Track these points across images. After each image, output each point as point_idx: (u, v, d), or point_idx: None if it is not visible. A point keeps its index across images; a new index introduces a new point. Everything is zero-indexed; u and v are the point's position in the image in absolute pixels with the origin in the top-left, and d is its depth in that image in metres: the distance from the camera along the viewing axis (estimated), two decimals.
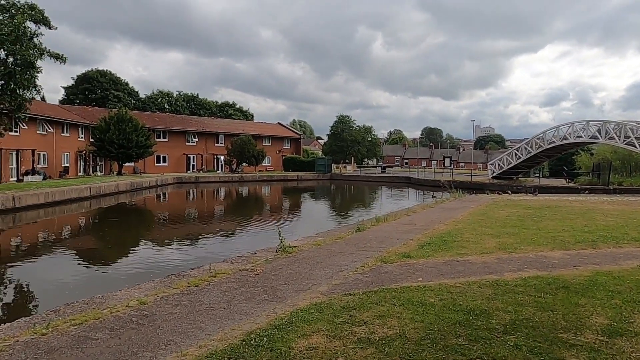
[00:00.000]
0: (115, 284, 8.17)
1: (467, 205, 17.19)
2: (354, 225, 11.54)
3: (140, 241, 14.60)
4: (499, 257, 7.88)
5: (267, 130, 62.46)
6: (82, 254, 12.23)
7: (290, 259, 7.76)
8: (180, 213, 22.74)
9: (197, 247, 13.14)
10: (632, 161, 35.01)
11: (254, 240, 13.69)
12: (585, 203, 18.05)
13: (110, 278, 9.57)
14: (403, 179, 47.51)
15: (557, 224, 11.86)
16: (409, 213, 14.63)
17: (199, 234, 15.47)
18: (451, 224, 12.03)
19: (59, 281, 9.36)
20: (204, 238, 14.69)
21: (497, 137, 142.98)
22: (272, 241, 10.75)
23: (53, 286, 9.07)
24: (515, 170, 38.19)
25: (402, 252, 8.23)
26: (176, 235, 15.16)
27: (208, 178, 43.24)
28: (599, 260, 7.66)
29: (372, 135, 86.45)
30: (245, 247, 12.03)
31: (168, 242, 13.82)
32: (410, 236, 10.01)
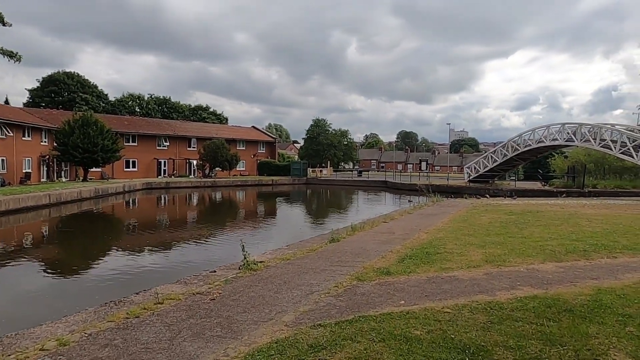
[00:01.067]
0: (44, 312, 7.00)
1: (446, 211, 16.51)
2: (328, 235, 10.62)
3: (91, 255, 12.96)
4: (488, 271, 7.09)
5: (241, 134, 61.14)
6: (14, 272, 10.87)
7: (254, 277, 6.80)
8: (144, 221, 21.42)
9: (154, 262, 11.59)
10: (606, 164, 35.19)
11: (220, 251, 12.64)
12: (566, 207, 17.60)
13: (40, 304, 8.15)
14: (379, 183, 46.91)
15: (542, 230, 11.21)
16: (387, 220, 13.82)
17: (161, 245, 14.23)
18: (432, 232, 11.25)
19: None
20: (165, 250, 13.44)
21: (471, 141, 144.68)
22: (240, 253, 9.80)
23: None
24: (492, 174, 38.00)
25: (380, 267, 7.36)
26: (134, 247, 13.92)
27: (179, 183, 41.74)
28: (596, 273, 6.94)
29: (348, 139, 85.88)
30: (210, 260, 11.05)
31: (122, 256, 12.51)
32: (389, 247, 9.17)
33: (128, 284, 8.81)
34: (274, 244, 11.96)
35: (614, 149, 26.32)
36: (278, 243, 12.15)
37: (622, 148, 25.81)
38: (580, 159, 36.19)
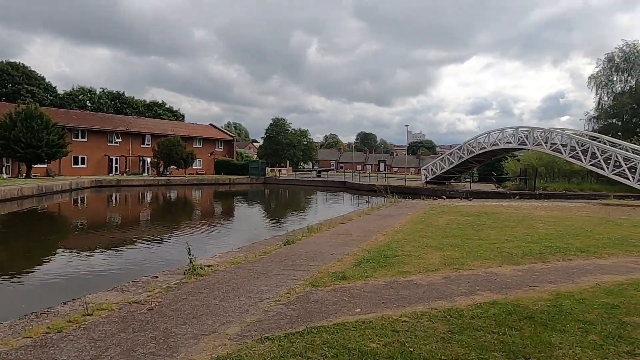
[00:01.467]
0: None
1: (404, 212, 16.40)
2: (283, 237, 10.16)
3: (24, 257, 11.83)
4: (446, 275, 6.85)
5: (198, 131, 59.68)
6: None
7: (199, 284, 6.27)
8: (89, 221, 20.22)
9: (93, 266, 10.48)
10: (555, 167, 36.44)
11: (168, 254, 11.89)
12: (519, 209, 17.89)
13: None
14: (338, 184, 46.82)
15: (498, 232, 11.20)
16: (344, 221, 13.51)
17: (104, 247, 13.24)
18: (390, 233, 11.02)
19: None
20: (107, 253, 12.42)
21: (428, 143, 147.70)
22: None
23: None
24: (448, 175, 38.62)
25: (336, 271, 6.99)
26: (74, 249, 12.93)
27: (131, 181, 40.11)
28: (553, 277, 6.84)
29: (307, 139, 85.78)
30: (155, 263, 10.38)
31: (60, 259, 11.47)
32: (346, 250, 8.82)
33: (61, 291, 8.03)
34: (227, 246, 11.39)
35: (564, 152, 27.22)
36: (231, 245, 11.60)
37: (571, 152, 26.73)
38: (531, 162, 37.34)
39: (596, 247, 9.35)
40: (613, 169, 23.73)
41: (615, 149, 24.58)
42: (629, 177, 22.59)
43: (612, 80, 43.18)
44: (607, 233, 11.37)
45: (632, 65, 41.91)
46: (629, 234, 11.28)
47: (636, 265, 7.85)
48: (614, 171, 23.64)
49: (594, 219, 14.58)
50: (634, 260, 8.22)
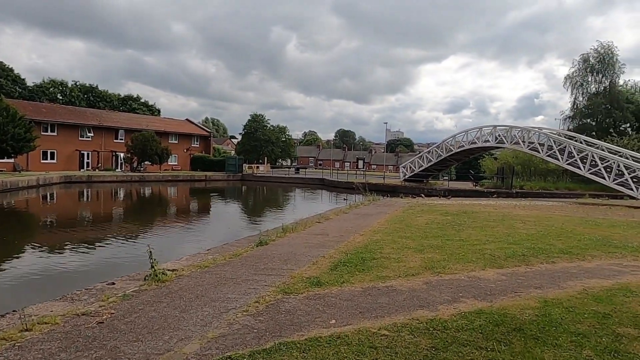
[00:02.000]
0: None
1: (382, 211, 16.04)
2: (256, 237, 9.63)
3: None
4: (428, 280, 6.46)
5: (174, 126, 58.41)
6: None
7: (160, 291, 5.72)
8: (53, 219, 19.28)
9: (46, 270, 9.72)
10: (532, 166, 36.74)
11: (132, 257, 11.17)
12: (498, 208, 17.73)
13: None
14: (317, 181, 46.37)
15: (479, 233, 10.90)
16: (321, 220, 13.06)
17: (63, 248, 12.28)
18: (368, 234, 10.60)
19: None
20: (65, 255, 11.44)
21: (407, 141, 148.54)
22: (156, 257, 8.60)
23: None
24: (426, 173, 38.56)
25: (310, 276, 6.51)
26: (29, 251, 12.07)
27: (103, 177, 38.85)
28: (539, 281, 6.51)
29: (286, 136, 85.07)
30: (116, 267, 9.77)
31: (11, 262, 10.68)
32: (322, 252, 8.36)
33: (3, 301, 7.36)
34: (196, 247, 10.81)
35: (541, 151, 27.32)
36: (201, 246, 11.03)
37: (549, 151, 26.83)
38: (508, 160, 37.58)
39: (579, 249, 9.11)
40: (589, 169, 23.87)
41: (592, 148, 24.75)
42: (605, 176, 22.74)
43: (587, 81, 43.71)
44: (588, 233, 11.19)
45: (607, 67, 42.50)
46: (609, 235, 11.12)
47: (620, 268, 7.60)
48: (590, 170, 23.78)
49: (573, 219, 14.46)
50: (617, 263, 7.98)
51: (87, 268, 10.11)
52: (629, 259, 8.40)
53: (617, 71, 42.75)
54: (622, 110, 40.99)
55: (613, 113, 40.98)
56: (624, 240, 10.30)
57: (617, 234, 11.39)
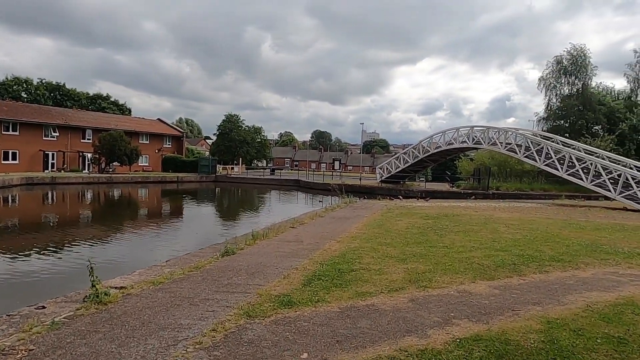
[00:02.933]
0: None
1: (360, 214, 15.30)
2: (222, 246, 8.71)
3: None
4: (413, 296, 5.70)
5: (145, 126, 56.59)
6: None
7: (99, 317, 4.78)
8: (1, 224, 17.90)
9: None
10: (508, 167, 36.71)
11: (80, 270, 10.13)
12: (479, 210, 17.21)
13: None
14: (292, 182, 45.50)
15: (463, 238, 10.24)
16: (295, 225, 12.21)
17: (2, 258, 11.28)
18: (345, 240, 9.81)
19: None
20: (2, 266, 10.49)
21: (382, 142, 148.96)
22: (107, 271, 7.64)
23: None
24: (403, 174, 38.15)
25: (280, 293, 5.68)
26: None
27: (68, 179, 37.12)
28: (536, 296, 5.83)
29: (261, 136, 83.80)
30: (58, 284, 8.67)
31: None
32: (295, 262, 7.52)
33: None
34: (157, 257, 9.83)
35: (518, 152, 27.09)
36: (163, 255, 10.05)
37: (526, 152, 26.61)
38: (484, 162, 37.50)
39: (570, 256, 8.52)
40: (567, 170, 23.68)
41: (569, 149, 24.60)
42: (583, 177, 22.56)
43: (561, 83, 44.12)
44: (575, 238, 10.67)
45: (579, 69, 42.96)
46: (596, 239, 10.63)
47: (618, 277, 7.02)
48: (568, 172, 23.60)
49: (556, 222, 14.01)
50: (613, 272, 7.41)
51: (20, 286, 8.80)
52: (623, 266, 7.85)
53: (589, 73, 43.27)
54: (595, 112, 41.44)
55: (586, 115, 41.39)
56: (613, 245, 9.80)
57: (604, 238, 10.91)
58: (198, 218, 22.04)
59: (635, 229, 12.97)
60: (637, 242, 10.46)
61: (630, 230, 12.59)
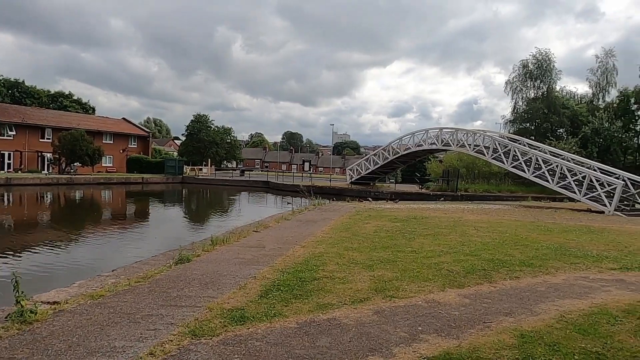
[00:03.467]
0: None
1: (328, 217, 14.87)
2: (177, 253, 8.08)
3: None
4: (379, 307, 5.28)
5: (109, 125, 54.85)
6: None
7: (20, 339, 4.16)
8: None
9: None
10: (476, 169, 37.12)
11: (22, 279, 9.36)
12: (448, 212, 17.04)
13: None
14: (261, 184, 44.84)
15: (432, 242, 9.93)
16: (259, 229, 11.66)
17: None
18: (310, 245, 9.35)
19: None
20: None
21: (353, 144, 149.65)
22: (45, 283, 6.96)
23: None
24: (373, 176, 38.07)
25: (234, 306, 5.16)
26: None
27: (25, 180, 35.40)
28: (508, 305, 5.51)
29: (231, 137, 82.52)
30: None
31: None
32: (254, 270, 7.01)
33: None
34: (105, 266, 9.13)
35: (486, 154, 27.27)
36: (111, 263, 9.34)
37: (494, 154, 26.80)
38: (453, 163, 37.82)
39: (539, 260, 8.30)
40: (533, 171, 23.92)
41: (535, 151, 24.87)
42: (549, 179, 22.80)
43: (527, 86, 45.05)
44: (544, 241, 10.51)
45: (544, 72, 43.96)
46: (564, 242, 10.51)
47: (588, 282, 6.80)
48: (535, 173, 23.83)
49: (525, 224, 13.93)
50: (583, 276, 7.19)
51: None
52: (593, 270, 7.66)
53: (554, 77, 44.35)
54: (559, 115, 42.41)
55: (550, 118, 42.32)
56: (581, 249, 9.67)
57: (572, 240, 10.81)
58: (160, 221, 21.18)
59: (601, 231, 13.00)
60: (604, 244, 10.38)
61: (597, 232, 12.58)
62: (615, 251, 9.52)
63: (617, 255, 8.99)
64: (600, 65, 44.72)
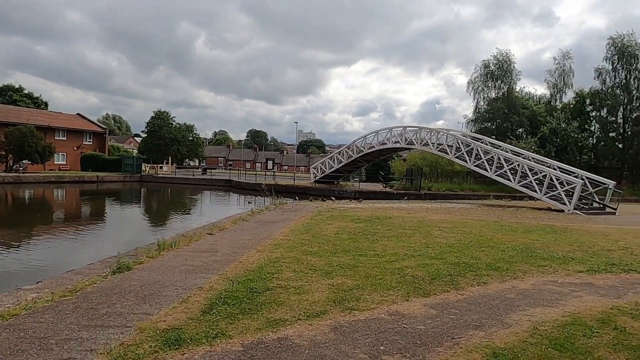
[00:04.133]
0: None
1: (288, 217, 14.25)
2: (116, 260, 7.26)
3: None
4: (337, 322, 4.71)
5: (62, 121, 52.31)
6: None
7: None
8: None
9: None
10: (439, 167, 37.28)
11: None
12: (412, 212, 16.71)
13: None
14: (223, 182, 43.67)
15: (395, 244, 9.46)
16: (214, 231, 10.91)
17: None
18: (267, 249, 8.70)
19: None
20: None
21: (318, 142, 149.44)
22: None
23: None
24: (337, 174, 37.69)
25: (170, 325, 4.47)
26: None
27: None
28: (477, 316, 5.05)
29: (194, 135, 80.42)
30: None
31: None
32: (201, 279, 6.31)
33: None
34: (30, 277, 8.21)
35: (449, 153, 27.27)
36: (40, 274, 8.42)
37: (457, 152, 26.83)
38: (417, 162, 37.85)
39: (506, 262, 7.96)
40: (495, 170, 24.03)
41: (498, 150, 25.01)
42: (510, 178, 22.93)
43: (488, 86, 45.72)
44: (509, 241, 10.24)
45: (505, 73, 44.72)
46: (529, 242, 10.27)
47: (558, 287, 6.47)
48: (497, 172, 23.95)
49: (489, 224, 13.72)
50: (552, 280, 6.87)
51: None
52: (561, 274, 7.36)
53: (514, 78, 45.18)
54: (519, 115, 43.23)
55: (511, 117, 43.07)
56: (546, 249, 9.44)
57: (536, 241, 10.59)
58: (110, 223, 19.96)
59: (563, 230, 12.92)
60: (568, 245, 10.21)
61: (560, 232, 12.48)
62: (580, 252, 9.33)
63: (582, 257, 8.77)
64: (557, 67, 45.90)
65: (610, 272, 7.56)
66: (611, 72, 42.72)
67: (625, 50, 41.20)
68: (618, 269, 7.80)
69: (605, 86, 43.19)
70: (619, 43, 41.58)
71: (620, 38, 41.72)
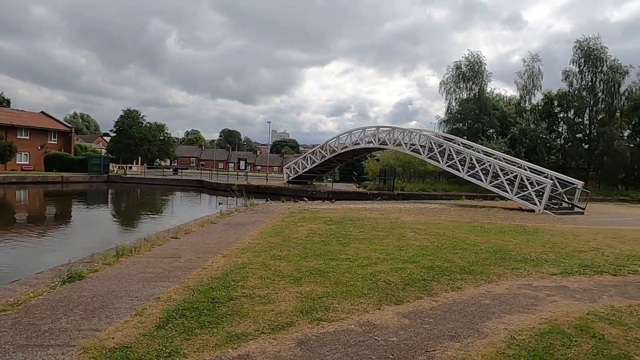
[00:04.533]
0: None
1: (259, 219, 13.83)
2: (67, 268, 6.72)
3: None
4: (304, 336, 4.37)
5: (25, 120, 50.29)
6: None
7: None
8: None
9: None
10: (412, 168, 37.42)
11: None
12: (385, 213, 16.52)
13: None
14: (195, 183, 42.78)
15: (368, 247, 9.19)
16: (179, 234, 10.41)
17: None
18: (234, 253, 8.29)
19: None
20: None
21: (292, 142, 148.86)
22: None
23: None
24: (310, 175, 37.37)
25: (118, 343, 4.05)
26: None
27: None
28: (452, 325, 4.80)
29: (164, 134, 78.77)
30: None
31: None
32: (160, 289, 5.87)
33: None
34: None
35: (422, 153, 27.30)
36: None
37: (430, 153, 26.87)
38: (390, 162, 37.90)
39: (480, 265, 7.78)
40: (467, 171, 24.13)
41: (469, 150, 25.14)
42: (482, 178, 23.06)
43: (460, 87, 46.12)
44: (482, 243, 10.11)
45: (476, 74, 45.21)
46: (502, 244, 10.16)
47: (533, 291, 6.30)
48: (469, 173, 24.06)
49: (462, 225, 13.63)
50: (526, 284, 6.71)
51: None
52: (535, 277, 7.22)
53: (485, 79, 45.73)
54: (489, 115, 43.78)
55: (482, 118, 43.59)
56: (519, 251, 9.33)
57: (509, 242, 10.50)
58: (73, 226, 19.09)
59: (535, 231, 12.93)
60: (540, 246, 10.15)
61: (532, 232, 12.47)
62: (552, 253, 9.25)
63: (555, 258, 8.69)
64: (527, 69, 46.68)
65: (583, 274, 7.47)
66: (578, 74, 43.75)
67: (592, 54, 42.22)
68: (591, 271, 7.73)
69: (572, 88, 44.20)
70: (586, 46, 42.58)
71: (586, 41, 42.73)
